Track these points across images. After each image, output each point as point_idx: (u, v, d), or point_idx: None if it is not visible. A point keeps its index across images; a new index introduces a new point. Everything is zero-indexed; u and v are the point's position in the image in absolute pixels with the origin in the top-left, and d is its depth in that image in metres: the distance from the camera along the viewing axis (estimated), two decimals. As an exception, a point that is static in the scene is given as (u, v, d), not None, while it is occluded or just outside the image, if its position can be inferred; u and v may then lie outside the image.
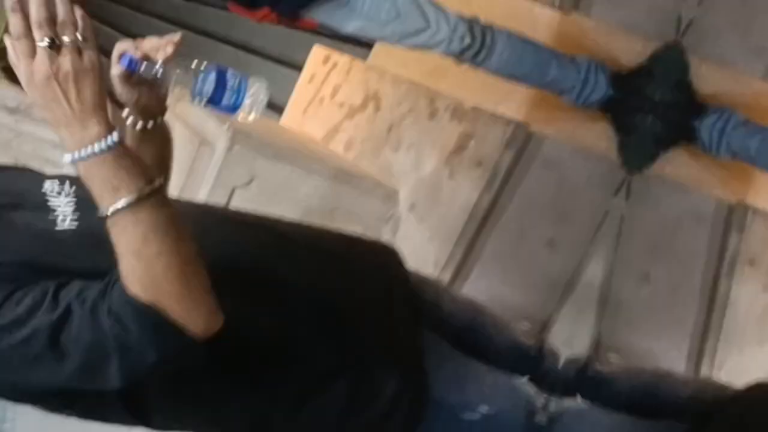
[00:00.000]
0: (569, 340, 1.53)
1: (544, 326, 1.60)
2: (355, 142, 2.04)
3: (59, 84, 0.79)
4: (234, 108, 0.98)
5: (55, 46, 0.79)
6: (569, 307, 1.60)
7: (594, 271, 1.59)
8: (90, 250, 0.90)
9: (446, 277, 1.73)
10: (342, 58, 2.22)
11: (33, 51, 0.79)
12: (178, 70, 0.96)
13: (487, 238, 1.66)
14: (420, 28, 1.75)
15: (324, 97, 2.26)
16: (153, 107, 1.00)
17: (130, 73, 0.94)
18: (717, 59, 1.64)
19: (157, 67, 0.94)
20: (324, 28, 2.18)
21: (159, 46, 0.93)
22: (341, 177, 1.84)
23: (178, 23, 4.19)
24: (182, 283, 0.83)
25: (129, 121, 1.01)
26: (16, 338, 0.82)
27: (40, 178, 1.08)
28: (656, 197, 1.65)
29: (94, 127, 0.80)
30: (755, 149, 1.60)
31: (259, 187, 1.85)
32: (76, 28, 0.81)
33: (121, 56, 0.93)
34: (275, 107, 2.53)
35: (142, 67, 0.93)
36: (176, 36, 0.95)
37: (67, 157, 0.81)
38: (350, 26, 1.77)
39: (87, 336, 0.81)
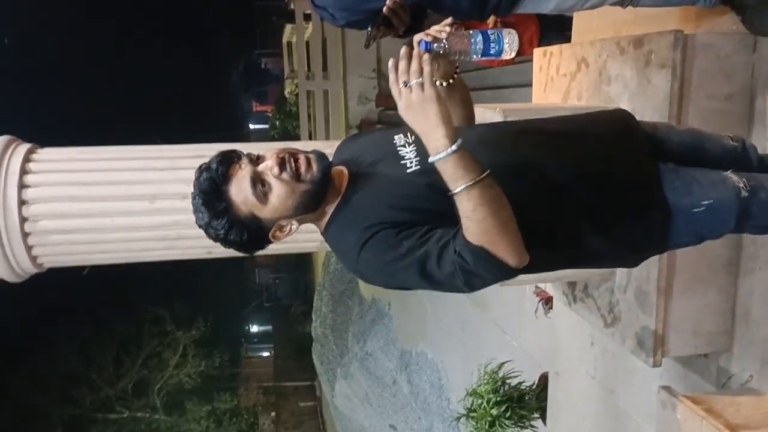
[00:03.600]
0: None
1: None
2: (583, 92, 2.86)
3: (414, 110, 1.12)
4: (499, 53, 1.26)
5: (408, 86, 1.12)
6: (755, 124, 2.34)
7: (760, 103, 2.32)
8: (431, 189, 1.19)
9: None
10: (553, 49, 3.10)
11: (399, 92, 1.13)
12: (456, 41, 1.24)
13: (687, 108, 2.37)
14: None
15: (552, 76, 3.11)
16: (450, 70, 1.36)
17: (428, 52, 1.21)
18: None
19: (443, 43, 1.23)
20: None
21: (441, 30, 1.25)
22: (578, 111, 2.69)
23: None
24: (500, 236, 1.12)
25: (437, 83, 1.26)
26: (404, 263, 1.18)
27: (390, 134, 1.38)
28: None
29: (442, 140, 1.10)
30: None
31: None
32: (419, 75, 1.12)
33: (419, 43, 1.23)
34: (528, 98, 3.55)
35: (434, 46, 1.22)
36: (449, 19, 1.28)
37: (430, 159, 1.13)
38: (550, 6, 2.17)
39: (442, 265, 1.15)
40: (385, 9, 1.83)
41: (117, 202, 2.43)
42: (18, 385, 17.71)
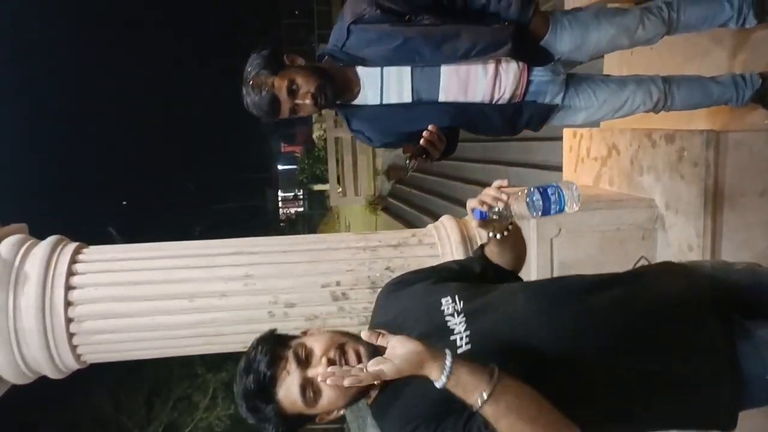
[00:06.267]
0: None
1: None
2: (614, 178, 2.87)
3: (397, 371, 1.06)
4: (561, 209, 1.21)
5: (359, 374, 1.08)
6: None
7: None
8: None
9: (707, 242, 2.40)
10: (584, 131, 3.13)
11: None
12: (513, 205, 1.22)
13: (721, 205, 2.38)
14: (621, 104, 2.20)
15: (583, 158, 3.14)
16: (504, 225, 1.31)
17: (483, 220, 1.25)
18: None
19: (497, 209, 1.24)
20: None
21: (495, 197, 1.22)
22: (614, 204, 2.65)
23: (487, 161, 5.74)
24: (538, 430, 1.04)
25: (491, 235, 1.33)
26: None
27: (437, 294, 1.30)
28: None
29: (432, 371, 1.05)
30: None
31: (566, 232, 2.57)
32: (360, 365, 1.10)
33: (473, 210, 1.24)
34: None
35: (489, 215, 1.25)
36: (503, 182, 1.26)
37: (438, 384, 1.05)
38: (579, 119, 2.24)
39: None
40: (422, 141, 1.86)
41: (157, 301, 2.49)
42: (50, 428, 17.85)
